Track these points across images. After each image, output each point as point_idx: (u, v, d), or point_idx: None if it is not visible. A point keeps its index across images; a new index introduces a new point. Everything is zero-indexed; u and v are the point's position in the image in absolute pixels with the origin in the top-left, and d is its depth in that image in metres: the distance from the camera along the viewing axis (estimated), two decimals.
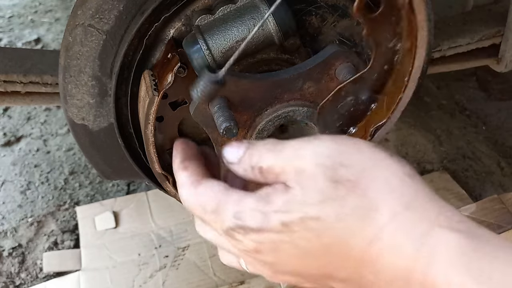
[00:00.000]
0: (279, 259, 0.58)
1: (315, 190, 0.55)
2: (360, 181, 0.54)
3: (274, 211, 0.56)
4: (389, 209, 0.53)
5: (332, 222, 0.54)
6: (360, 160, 0.56)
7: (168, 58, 0.83)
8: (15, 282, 1.47)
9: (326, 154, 0.56)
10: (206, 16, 0.80)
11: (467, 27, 1.21)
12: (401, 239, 0.52)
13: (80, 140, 1.00)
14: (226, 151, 0.64)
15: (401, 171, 0.55)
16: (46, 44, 2.35)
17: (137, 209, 1.57)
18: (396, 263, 0.52)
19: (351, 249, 0.54)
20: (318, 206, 0.54)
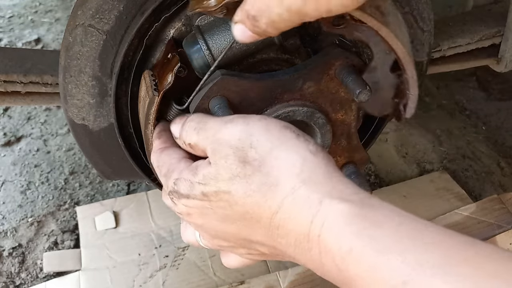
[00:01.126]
0: (206, 222, 0.69)
1: (226, 169, 0.64)
2: (266, 160, 0.62)
3: (197, 182, 0.66)
4: (289, 184, 0.61)
5: (241, 197, 0.63)
6: (268, 140, 0.64)
7: (168, 58, 0.83)
8: (15, 282, 1.47)
9: (237, 137, 0.65)
10: (206, 16, 0.80)
11: (467, 27, 1.21)
12: (297, 210, 0.60)
13: (80, 140, 1.00)
14: (172, 126, 0.76)
15: (304, 149, 0.63)
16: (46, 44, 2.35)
17: (137, 209, 1.57)
18: (296, 230, 0.60)
19: (260, 218, 0.63)
20: (228, 183, 0.64)
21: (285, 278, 1.33)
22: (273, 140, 0.64)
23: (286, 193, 0.61)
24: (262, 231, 0.64)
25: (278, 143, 0.64)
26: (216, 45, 0.79)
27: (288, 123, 0.67)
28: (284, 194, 0.61)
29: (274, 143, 0.64)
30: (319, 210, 0.58)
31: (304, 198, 0.60)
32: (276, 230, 0.62)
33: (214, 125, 0.68)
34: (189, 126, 0.72)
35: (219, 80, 0.75)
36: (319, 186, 0.60)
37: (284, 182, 0.61)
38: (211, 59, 0.79)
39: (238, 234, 0.67)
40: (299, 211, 0.59)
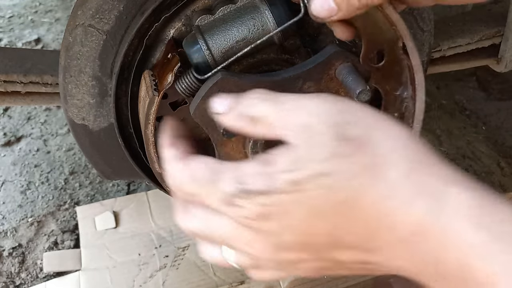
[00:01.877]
0: (285, 226, 0.54)
1: (324, 147, 0.52)
2: (368, 138, 0.53)
3: (280, 171, 0.52)
4: (400, 166, 0.51)
5: (345, 178, 0.52)
6: (365, 118, 0.55)
7: (168, 58, 0.83)
8: (15, 282, 1.47)
9: (333, 111, 0.54)
10: (206, 16, 0.80)
11: (467, 27, 1.21)
12: (413, 196, 0.50)
13: (80, 140, 1.00)
14: (214, 101, 0.60)
15: (404, 131, 0.54)
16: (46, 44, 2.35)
17: (137, 209, 1.57)
18: (410, 220, 0.50)
19: (363, 206, 0.52)
20: (328, 163, 0.52)
21: (285, 278, 1.33)
22: (369, 118, 0.55)
23: (397, 177, 0.51)
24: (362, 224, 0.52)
25: (374, 122, 0.55)
26: (216, 45, 0.79)
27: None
28: (395, 178, 0.51)
29: (371, 121, 0.55)
30: (440, 199, 0.50)
31: (420, 183, 0.51)
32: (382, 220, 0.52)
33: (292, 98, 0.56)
34: (253, 95, 0.58)
35: (219, 80, 0.75)
36: (435, 170, 0.52)
37: (394, 163, 0.52)
38: (211, 59, 0.79)
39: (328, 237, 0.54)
40: (415, 198, 0.50)
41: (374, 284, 1.31)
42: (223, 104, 0.59)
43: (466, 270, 0.48)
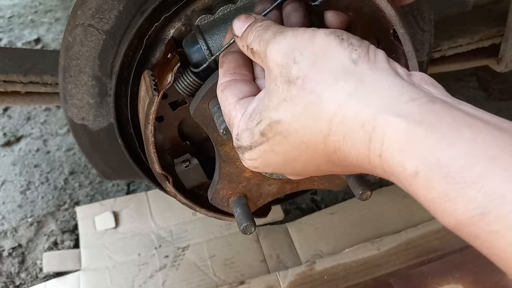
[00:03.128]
0: (272, 169, 0.64)
1: (275, 93, 0.58)
2: (309, 76, 0.56)
3: (256, 124, 0.60)
4: (334, 101, 0.54)
5: (290, 122, 0.57)
6: (311, 53, 0.57)
7: (168, 58, 0.83)
8: (15, 282, 1.47)
9: (283, 51, 0.58)
10: (206, 16, 0.80)
11: (467, 27, 1.21)
12: (349, 129, 0.53)
13: (80, 140, 1.00)
14: (235, 23, 0.67)
15: (347, 57, 0.56)
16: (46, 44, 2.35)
17: (137, 209, 1.57)
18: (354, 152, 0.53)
19: (315, 146, 0.57)
20: (277, 110, 0.58)
21: (285, 278, 1.33)
22: (316, 51, 0.57)
23: (333, 111, 0.53)
24: (323, 159, 0.58)
25: (321, 54, 0.56)
26: (216, 45, 0.79)
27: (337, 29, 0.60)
28: (331, 113, 0.54)
29: (317, 55, 0.57)
30: (375, 127, 0.50)
31: (353, 115, 0.52)
32: (334, 155, 0.56)
33: (269, 35, 0.61)
34: (255, 31, 0.64)
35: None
36: (368, 98, 0.52)
37: (328, 98, 0.54)
38: None
39: (307, 169, 0.62)
40: (352, 130, 0.52)
41: (374, 284, 1.31)
42: (238, 30, 0.67)
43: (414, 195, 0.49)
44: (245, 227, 0.84)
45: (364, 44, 0.58)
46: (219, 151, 0.82)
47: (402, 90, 0.52)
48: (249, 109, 0.63)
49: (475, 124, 0.46)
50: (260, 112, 0.60)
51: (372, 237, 1.40)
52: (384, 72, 0.55)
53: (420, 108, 0.49)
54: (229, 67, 0.69)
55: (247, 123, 0.62)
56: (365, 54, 0.56)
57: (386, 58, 0.57)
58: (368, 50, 0.57)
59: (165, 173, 0.88)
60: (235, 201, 0.88)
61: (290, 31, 0.60)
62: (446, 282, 1.26)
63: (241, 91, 0.66)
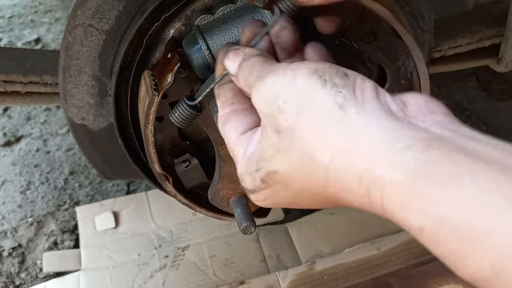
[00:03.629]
0: (281, 205, 0.63)
1: (268, 143, 0.57)
2: (297, 126, 0.54)
3: (255, 170, 0.60)
4: (325, 155, 0.52)
5: (287, 174, 0.56)
6: (295, 100, 0.54)
7: (168, 58, 0.83)
8: (15, 282, 1.47)
9: (266, 100, 0.57)
10: (206, 16, 0.80)
11: (467, 27, 1.21)
12: (347, 182, 0.51)
13: (80, 140, 1.00)
14: (227, 61, 0.65)
15: (334, 105, 0.52)
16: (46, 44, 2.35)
17: (137, 209, 1.57)
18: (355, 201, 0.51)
19: (316, 193, 0.55)
20: (272, 161, 0.57)
21: (285, 278, 1.33)
22: (299, 98, 0.54)
23: (327, 164, 0.52)
24: (325, 202, 0.57)
25: (305, 100, 0.54)
26: (216, 45, 0.79)
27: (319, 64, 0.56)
28: (325, 165, 0.52)
29: (301, 101, 0.54)
30: (372, 181, 0.48)
31: (348, 167, 0.50)
32: (337, 201, 0.55)
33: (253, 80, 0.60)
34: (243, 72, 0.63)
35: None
36: (360, 149, 0.49)
37: (320, 152, 0.52)
38: (211, 59, 0.79)
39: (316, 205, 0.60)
40: (349, 183, 0.51)
41: (374, 284, 1.31)
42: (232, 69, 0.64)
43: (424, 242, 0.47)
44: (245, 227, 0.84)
45: (349, 82, 0.54)
46: (219, 151, 0.82)
47: (395, 136, 0.48)
48: (248, 152, 0.62)
49: (477, 169, 0.42)
50: (257, 160, 0.59)
51: (372, 237, 1.40)
52: (375, 113, 0.51)
53: (416, 157, 0.46)
54: (226, 97, 0.68)
55: (247, 167, 0.62)
56: (351, 95, 0.52)
57: (376, 94, 0.53)
58: (354, 89, 0.53)
59: (165, 173, 0.88)
60: (235, 201, 0.88)
61: (270, 77, 0.57)
62: (446, 282, 1.26)
63: (241, 125, 0.65)
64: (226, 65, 0.65)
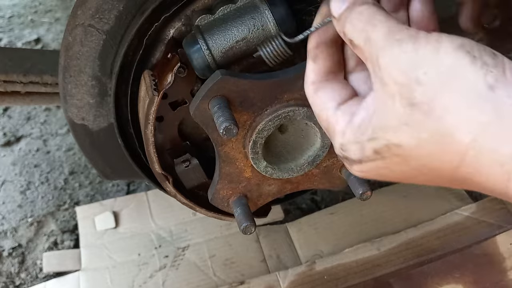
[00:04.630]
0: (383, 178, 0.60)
1: (394, 113, 0.53)
2: (436, 102, 0.50)
3: (367, 140, 0.56)
4: (467, 135, 0.49)
5: (413, 149, 0.53)
6: (438, 73, 0.51)
7: (168, 58, 0.83)
8: (15, 282, 1.47)
9: (402, 68, 0.52)
10: (206, 16, 0.80)
11: None
12: (486, 166, 0.49)
13: (80, 140, 1.00)
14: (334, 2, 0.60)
15: (481, 82, 0.49)
16: (46, 44, 2.35)
17: (137, 209, 1.57)
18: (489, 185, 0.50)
19: (441, 172, 0.53)
20: (397, 132, 0.53)
21: (285, 278, 1.33)
22: (443, 71, 0.51)
23: (466, 146, 0.49)
24: (447, 181, 0.55)
25: (450, 75, 0.50)
26: (216, 45, 0.79)
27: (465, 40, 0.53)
28: (464, 147, 0.49)
29: (445, 75, 0.50)
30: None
31: (490, 151, 0.48)
32: (463, 182, 0.53)
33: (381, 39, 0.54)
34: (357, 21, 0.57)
35: (219, 80, 0.75)
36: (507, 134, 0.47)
37: (461, 131, 0.49)
38: (211, 59, 0.79)
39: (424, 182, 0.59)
40: (489, 166, 0.49)
41: (374, 284, 1.31)
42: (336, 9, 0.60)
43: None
44: (245, 227, 0.84)
45: (499, 61, 0.50)
46: (219, 151, 0.82)
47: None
48: (357, 120, 0.58)
49: None
50: (373, 129, 0.56)
51: (372, 237, 1.40)
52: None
53: None
54: (324, 65, 0.64)
55: (355, 135, 0.58)
56: (502, 76, 0.49)
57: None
58: (505, 70, 0.50)
59: (165, 173, 0.89)
60: (235, 201, 0.88)
61: (409, 43, 0.53)
62: (446, 282, 1.26)
63: (340, 95, 0.62)
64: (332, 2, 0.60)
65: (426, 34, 0.53)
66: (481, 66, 0.50)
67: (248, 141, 0.81)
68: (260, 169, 0.84)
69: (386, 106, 0.54)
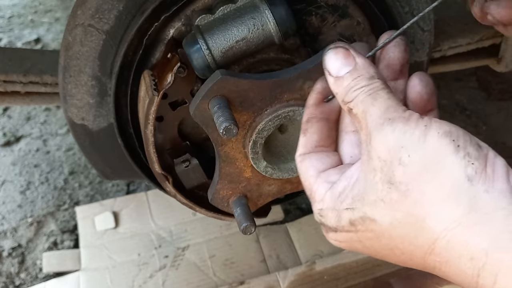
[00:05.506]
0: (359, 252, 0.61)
1: (372, 188, 0.54)
2: (413, 185, 0.51)
3: (345, 208, 0.57)
4: (440, 224, 0.50)
5: (387, 227, 0.54)
6: (421, 157, 0.52)
7: (168, 58, 0.83)
8: (15, 282, 1.47)
9: (388, 147, 0.53)
10: (206, 16, 0.80)
11: (468, 27, 1.21)
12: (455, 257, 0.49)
13: (80, 140, 1.00)
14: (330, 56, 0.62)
15: (462, 174, 0.50)
16: (46, 44, 2.35)
17: (137, 209, 1.57)
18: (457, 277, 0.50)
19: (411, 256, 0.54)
20: (373, 208, 0.54)
21: (285, 279, 1.33)
22: (426, 157, 0.51)
23: (437, 235, 0.50)
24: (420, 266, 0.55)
25: (432, 162, 0.51)
26: (216, 45, 0.79)
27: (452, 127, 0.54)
28: (435, 236, 0.50)
29: (427, 161, 0.51)
30: (486, 264, 0.47)
31: (461, 244, 0.48)
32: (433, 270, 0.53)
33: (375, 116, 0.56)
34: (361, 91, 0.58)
35: (219, 80, 0.75)
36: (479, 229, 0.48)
37: (434, 219, 0.50)
38: (211, 59, 0.79)
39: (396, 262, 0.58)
40: (458, 259, 0.49)
41: (374, 284, 1.31)
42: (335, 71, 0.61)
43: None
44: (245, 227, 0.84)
45: (482, 154, 0.51)
46: (219, 151, 0.82)
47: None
48: (338, 188, 0.59)
49: None
50: (352, 198, 0.56)
51: None
52: (502, 195, 0.48)
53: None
54: (312, 139, 0.66)
55: (334, 203, 0.59)
56: (483, 169, 0.50)
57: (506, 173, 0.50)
58: (486, 163, 0.50)
59: (165, 173, 0.88)
60: (235, 201, 0.88)
61: (399, 124, 0.54)
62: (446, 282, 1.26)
63: (322, 163, 0.64)
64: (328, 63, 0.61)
65: (418, 118, 0.54)
66: (464, 156, 0.51)
67: (248, 141, 0.81)
68: (260, 169, 0.84)
69: (367, 179, 0.55)
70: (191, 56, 0.80)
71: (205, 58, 0.79)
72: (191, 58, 0.80)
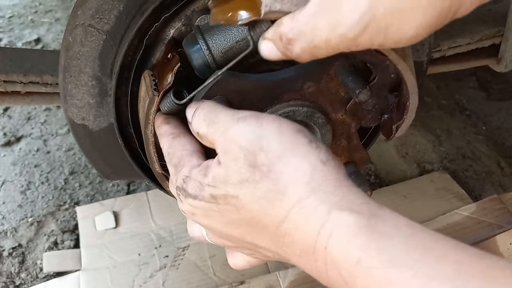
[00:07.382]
0: (211, 223, 0.68)
1: (236, 172, 0.62)
2: (275, 166, 0.60)
3: (207, 184, 0.65)
4: (296, 194, 0.59)
5: (248, 202, 0.62)
6: (279, 144, 0.61)
7: (168, 58, 0.83)
8: (15, 282, 1.47)
9: (248, 138, 0.62)
10: (206, 16, 0.80)
11: (467, 27, 1.21)
12: (304, 220, 0.58)
13: (80, 140, 1.00)
14: (187, 110, 0.73)
15: (315, 157, 0.61)
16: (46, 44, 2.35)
17: (137, 209, 1.57)
18: (302, 241, 0.58)
19: (266, 226, 0.62)
20: (236, 187, 0.62)
21: (285, 278, 1.33)
22: (284, 144, 0.62)
23: (293, 203, 0.59)
24: (268, 238, 0.63)
25: (289, 148, 0.61)
26: (216, 45, 0.79)
27: (302, 127, 0.64)
28: (291, 204, 0.59)
29: (285, 148, 0.61)
30: (327, 221, 0.56)
31: (311, 209, 0.57)
32: (281, 239, 0.61)
33: (225, 120, 0.66)
34: (199, 114, 0.70)
35: (219, 80, 0.75)
36: (328, 196, 0.58)
37: (292, 190, 0.59)
38: (211, 59, 0.79)
39: (243, 238, 0.66)
40: (306, 221, 0.58)
41: None
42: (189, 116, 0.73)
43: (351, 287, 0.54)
44: None
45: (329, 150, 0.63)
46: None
47: (357, 195, 0.58)
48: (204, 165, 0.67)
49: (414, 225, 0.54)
50: (214, 178, 0.64)
51: None
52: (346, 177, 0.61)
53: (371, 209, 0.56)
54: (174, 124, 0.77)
55: (199, 175, 0.66)
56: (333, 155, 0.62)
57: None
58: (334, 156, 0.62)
59: (165, 173, 0.89)
60: None
61: (253, 118, 0.64)
62: None
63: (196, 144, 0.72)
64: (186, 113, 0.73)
65: (267, 115, 0.65)
66: (316, 147, 0.62)
67: None
68: None
69: (228, 167, 0.63)
70: (191, 56, 0.80)
71: (205, 58, 0.79)
72: (191, 58, 0.80)
